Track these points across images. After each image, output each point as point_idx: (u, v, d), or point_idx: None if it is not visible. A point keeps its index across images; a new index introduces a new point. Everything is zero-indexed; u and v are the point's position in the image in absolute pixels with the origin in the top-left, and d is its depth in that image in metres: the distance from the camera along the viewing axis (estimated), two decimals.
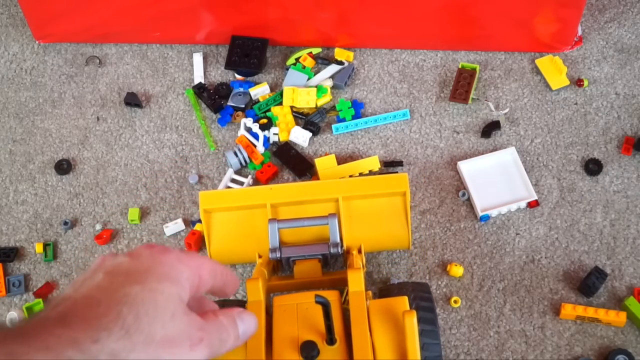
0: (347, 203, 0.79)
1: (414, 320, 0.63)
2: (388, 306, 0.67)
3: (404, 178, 0.80)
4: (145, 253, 0.43)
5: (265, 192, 0.80)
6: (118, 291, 0.39)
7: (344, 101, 0.95)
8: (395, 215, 0.81)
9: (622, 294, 0.82)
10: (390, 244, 0.83)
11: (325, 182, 0.85)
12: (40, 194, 0.92)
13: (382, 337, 0.65)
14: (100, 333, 0.37)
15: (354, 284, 0.69)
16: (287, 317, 0.67)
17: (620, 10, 1.01)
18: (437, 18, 0.95)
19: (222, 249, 0.81)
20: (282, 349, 0.64)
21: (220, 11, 0.97)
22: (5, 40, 1.04)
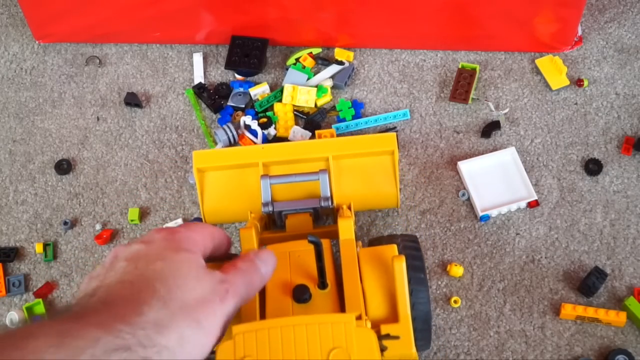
0: (337, 162, 0.81)
1: (402, 265, 0.65)
2: (378, 253, 0.69)
3: (392, 137, 0.81)
4: (156, 236, 0.47)
5: (258, 151, 0.82)
6: (145, 270, 0.43)
7: (344, 101, 0.95)
8: (384, 174, 0.82)
9: (622, 294, 0.82)
10: (380, 202, 0.84)
11: (316, 141, 0.87)
12: (40, 194, 0.93)
13: (372, 282, 0.67)
14: (142, 307, 0.40)
15: (344, 232, 0.71)
16: (280, 264, 0.68)
17: (620, 10, 1.01)
18: (437, 18, 0.95)
19: (215, 208, 0.83)
20: (275, 294, 0.66)
21: (220, 11, 0.97)
22: (5, 40, 1.04)
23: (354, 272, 0.66)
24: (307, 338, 0.47)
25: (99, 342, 0.37)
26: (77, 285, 0.87)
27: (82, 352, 0.36)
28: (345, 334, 0.47)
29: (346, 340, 0.47)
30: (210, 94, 0.96)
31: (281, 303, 0.64)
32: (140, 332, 0.39)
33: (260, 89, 0.96)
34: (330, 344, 0.47)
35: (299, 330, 0.48)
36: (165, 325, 0.40)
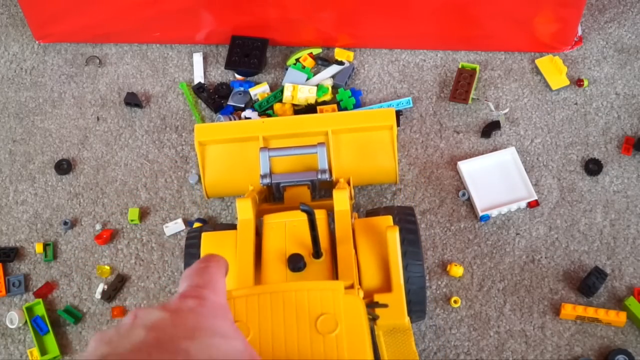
0: (336, 136, 0.82)
1: (396, 235, 0.66)
2: (373, 224, 0.70)
3: (391, 112, 0.82)
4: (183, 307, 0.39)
5: (258, 125, 0.83)
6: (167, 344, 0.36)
7: (344, 91, 0.95)
8: (383, 149, 0.83)
9: (622, 294, 0.82)
10: (378, 177, 0.85)
11: (316, 115, 0.88)
12: (40, 194, 0.92)
13: (366, 252, 0.68)
14: None
15: (339, 203, 0.71)
16: (275, 233, 0.69)
17: (620, 10, 1.01)
18: (437, 18, 0.95)
19: (215, 181, 0.84)
20: (270, 262, 0.66)
21: (220, 11, 0.97)
22: (5, 40, 1.04)
23: (347, 242, 0.67)
24: (296, 304, 0.47)
25: None
26: (77, 285, 0.87)
27: None
28: (333, 301, 0.48)
29: (334, 307, 0.47)
30: (210, 94, 0.96)
31: (276, 271, 0.65)
32: None
33: (260, 88, 0.96)
34: (318, 311, 0.47)
35: (288, 297, 0.48)
36: None
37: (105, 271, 0.86)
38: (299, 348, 0.45)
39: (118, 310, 0.84)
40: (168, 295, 0.86)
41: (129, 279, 0.87)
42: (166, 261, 0.87)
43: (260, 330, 0.47)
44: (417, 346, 0.80)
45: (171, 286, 0.86)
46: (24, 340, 0.84)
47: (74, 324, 0.84)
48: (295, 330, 0.46)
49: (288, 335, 0.46)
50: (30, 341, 0.84)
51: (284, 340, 0.46)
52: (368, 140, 0.82)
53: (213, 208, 0.90)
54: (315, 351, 0.45)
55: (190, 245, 0.75)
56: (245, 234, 0.70)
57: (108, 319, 0.84)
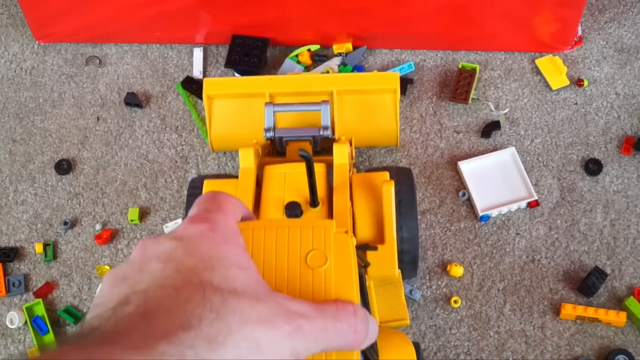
0: (340, 97, 0.84)
1: (391, 189, 0.69)
2: (370, 179, 0.73)
3: (395, 76, 0.85)
4: (193, 232, 0.37)
5: (265, 82, 0.86)
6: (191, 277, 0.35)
7: (344, 67, 0.96)
8: (385, 112, 0.85)
9: (622, 294, 0.82)
10: (380, 139, 0.88)
11: (322, 75, 0.91)
12: (40, 194, 0.92)
13: (362, 205, 0.70)
14: (191, 320, 0.32)
15: (338, 156, 0.74)
16: (275, 183, 0.72)
17: (620, 10, 1.01)
18: (437, 18, 0.95)
19: (221, 135, 0.87)
20: (268, 210, 0.69)
21: (220, 11, 0.97)
22: (5, 40, 1.04)
23: (344, 194, 0.70)
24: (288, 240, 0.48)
25: None
26: (77, 285, 0.87)
27: None
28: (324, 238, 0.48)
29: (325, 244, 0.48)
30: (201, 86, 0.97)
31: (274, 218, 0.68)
32: (189, 352, 0.31)
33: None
34: (309, 246, 0.48)
35: (281, 233, 0.48)
36: (221, 341, 0.32)
37: (105, 271, 0.86)
38: (288, 280, 0.46)
39: None
40: None
41: None
42: None
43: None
44: None
45: None
46: (24, 341, 0.84)
47: (74, 324, 0.84)
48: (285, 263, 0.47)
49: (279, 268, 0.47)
50: (30, 341, 0.84)
51: (274, 273, 0.46)
52: (371, 102, 0.85)
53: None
54: (303, 284, 0.45)
55: (192, 194, 0.78)
56: (245, 182, 0.73)
57: None
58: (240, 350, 0.33)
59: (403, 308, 0.73)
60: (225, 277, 0.35)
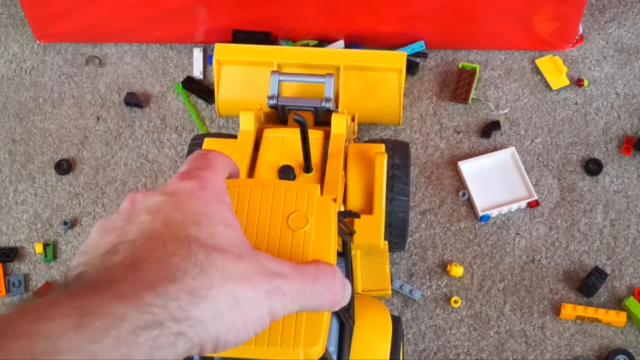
0: (346, 72, 0.85)
1: (383, 160, 0.70)
2: (365, 150, 0.74)
3: (402, 56, 0.86)
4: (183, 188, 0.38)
5: (275, 52, 0.87)
6: (178, 231, 0.36)
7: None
8: (390, 90, 0.87)
9: (622, 294, 0.82)
10: (382, 117, 0.90)
11: (330, 50, 0.94)
12: (40, 194, 0.92)
13: (354, 175, 0.72)
14: (176, 273, 0.33)
15: (336, 127, 0.75)
16: (272, 146, 0.74)
17: (620, 10, 1.01)
18: (437, 16, 0.95)
19: (228, 100, 0.90)
20: (262, 172, 0.70)
21: (219, 7, 0.97)
22: (5, 40, 1.04)
23: (337, 161, 0.71)
24: (272, 200, 0.49)
25: (124, 321, 0.31)
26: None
27: (105, 334, 0.30)
28: (307, 201, 0.49)
29: (307, 206, 0.48)
30: (202, 86, 0.97)
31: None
32: (173, 303, 0.33)
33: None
34: (292, 208, 0.48)
35: (266, 192, 0.49)
36: (203, 295, 0.34)
37: None
38: (268, 239, 0.46)
39: None
40: None
41: None
42: None
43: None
44: (417, 346, 0.80)
45: None
46: None
47: None
48: (267, 223, 0.47)
49: (260, 226, 0.47)
50: None
51: (255, 231, 0.47)
52: (377, 79, 0.86)
53: None
54: (282, 244, 0.46)
55: (192, 151, 0.79)
56: (243, 144, 0.75)
57: None
58: (221, 305, 0.34)
59: (386, 278, 0.76)
60: (211, 234, 0.36)
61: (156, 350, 0.31)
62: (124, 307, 0.31)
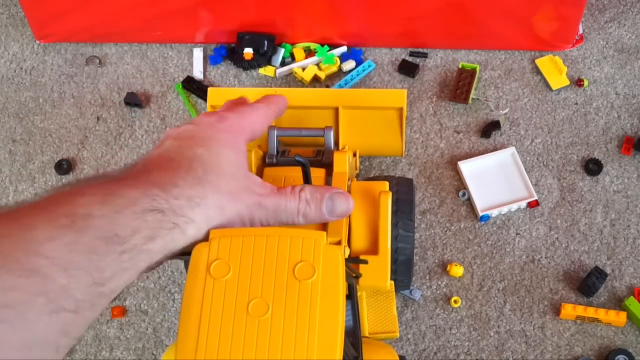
0: (345, 112, 0.83)
1: (388, 199, 0.67)
2: (368, 187, 0.72)
3: (402, 94, 0.83)
4: (205, 121, 0.49)
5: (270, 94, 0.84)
6: (187, 151, 0.46)
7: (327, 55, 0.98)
8: (391, 129, 0.84)
9: (622, 294, 0.82)
10: (385, 151, 0.89)
11: (328, 90, 0.92)
12: (40, 194, 0.92)
13: (358, 214, 0.69)
14: (178, 180, 0.43)
15: (338, 165, 0.73)
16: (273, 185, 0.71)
17: (620, 10, 1.01)
18: (437, 16, 0.95)
19: None
20: None
21: (221, 11, 0.97)
22: (5, 40, 1.04)
23: None
24: (277, 249, 0.49)
25: (137, 203, 0.41)
26: None
27: (124, 209, 0.40)
28: (313, 250, 0.49)
29: (313, 256, 0.48)
30: (202, 86, 0.97)
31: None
32: (174, 201, 0.42)
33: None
34: (298, 257, 0.48)
35: (271, 241, 0.49)
36: (197, 202, 0.44)
37: None
38: (274, 291, 0.47)
39: (118, 310, 0.84)
40: (168, 295, 0.86)
41: None
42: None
43: (240, 270, 0.49)
44: (417, 346, 0.80)
45: (171, 286, 0.86)
46: None
47: None
48: (273, 273, 0.48)
49: (266, 277, 0.48)
50: None
51: (261, 282, 0.47)
52: (377, 118, 0.84)
53: None
54: (289, 295, 0.47)
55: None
56: None
57: (108, 319, 0.85)
58: (210, 212, 0.45)
59: (394, 320, 0.73)
60: (216, 154, 0.46)
61: (159, 230, 0.41)
62: (136, 193, 0.41)
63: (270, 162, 0.78)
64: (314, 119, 0.84)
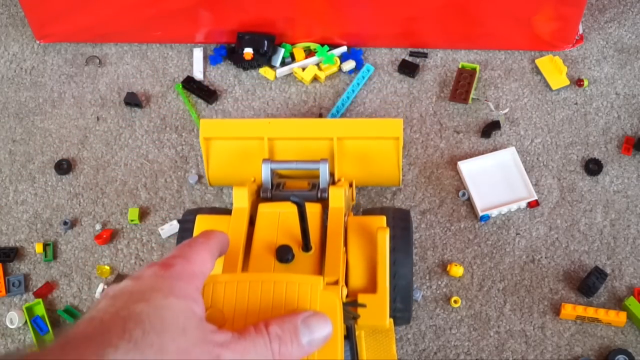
0: (341, 143, 0.82)
1: (386, 236, 0.66)
2: (366, 223, 0.70)
3: (398, 123, 0.82)
4: (147, 273, 0.42)
5: (264, 126, 0.83)
6: (122, 311, 0.38)
7: (325, 54, 0.97)
8: (388, 159, 0.83)
9: (622, 294, 0.82)
10: (381, 181, 0.87)
11: (323, 120, 0.89)
12: (40, 194, 0.93)
13: (356, 251, 0.68)
14: (106, 349, 0.36)
15: (334, 200, 0.71)
16: (268, 223, 0.69)
17: (620, 10, 1.01)
18: (437, 16, 0.95)
19: (219, 175, 0.86)
20: (259, 252, 0.66)
21: (221, 11, 0.97)
22: (5, 40, 1.04)
23: (337, 239, 0.67)
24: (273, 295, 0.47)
25: None
26: (77, 285, 0.87)
27: None
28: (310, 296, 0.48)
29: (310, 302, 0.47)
30: (202, 86, 0.97)
31: (264, 261, 0.65)
32: None
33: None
34: (294, 304, 0.47)
35: (267, 287, 0.48)
36: None
37: (105, 271, 0.87)
38: None
39: None
40: None
41: None
42: None
43: (234, 317, 0.47)
44: (417, 346, 0.80)
45: None
46: (24, 340, 0.84)
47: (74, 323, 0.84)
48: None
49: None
50: (30, 341, 0.84)
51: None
52: (373, 148, 0.83)
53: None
54: None
55: (184, 228, 0.76)
56: (237, 222, 0.71)
57: None
58: None
59: (393, 358, 0.71)
60: (159, 307, 0.39)
61: None
62: None
63: (264, 196, 0.77)
64: (309, 149, 0.83)
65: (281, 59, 0.99)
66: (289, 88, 0.98)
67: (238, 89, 0.98)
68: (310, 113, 0.96)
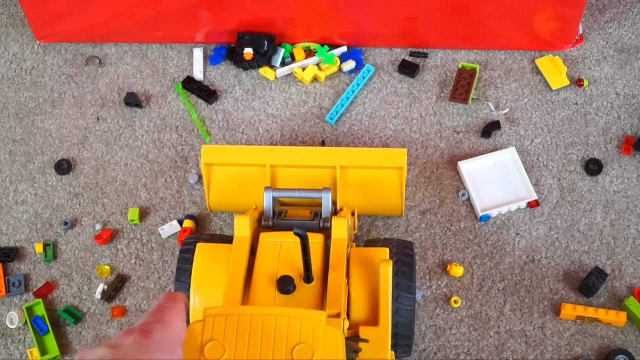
0: (344, 170, 0.81)
1: (388, 269, 0.65)
2: (368, 255, 0.69)
3: (402, 154, 0.81)
4: (126, 342, 0.40)
5: (266, 153, 0.83)
6: None
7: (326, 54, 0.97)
8: (391, 188, 0.82)
9: (622, 294, 0.82)
10: (384, 211, 0.86)
11: (326, 149, 0.87)
12: (40, 194, 0.92)
13: (358, 283, 0.67)
14: None
15: (337, 231, 0.70)
16: (269, 253, 0.68)
17: (620, 10, 1.01)
18: (437, 16, 0.95)
19: (220, 200, 0.85)
20: (260, 282, 0.65)
21: (221, 11, 0.97)
22: (5, 40, 1.04)
23: (339, 271, 0.66)
24: (275, 329, 0.47)
25: None
26: (77, 285, 0.87)
27: None
28: (312, 331, 0.47)
29: (312, 337, 0.47)
30: (202, 86, 0.97)
31: (265, 292, 0.64)
32: None
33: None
34: (296, 339, 0.47)
35: (268, 321, 0.47)
36: None
37: (105, 271, 0.87)
38: None
39: (118, 310, 0.84)
40: None
41: (129, 279, 0.87)
42: (166, 261, 0.87)
43: (235, 351, 0.47)
44: (417, 346, 0.80)
45: (171, 286, 0.86)
46: (23, 340, 0.84)
47: (74, 324, 0.84)
48: (270, 355, 0.46)
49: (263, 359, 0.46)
50: (30, 341, 0.84)
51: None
52: (376, 178, 0.82)
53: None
54: None
55: (184, 255, 0.74)
56: (238, 252, 0.70)
57: (108, 319, 0.85)
58: None
59: None
60: None
61: None
62: None
63: (266, 225, 0.76)
64: (312, 178, 0.82)
65: (281, 59, 0.99)
66: (289, 88, 0.98)
67: (238, 89, 0.98)
68: (310, 113, 0.96)
